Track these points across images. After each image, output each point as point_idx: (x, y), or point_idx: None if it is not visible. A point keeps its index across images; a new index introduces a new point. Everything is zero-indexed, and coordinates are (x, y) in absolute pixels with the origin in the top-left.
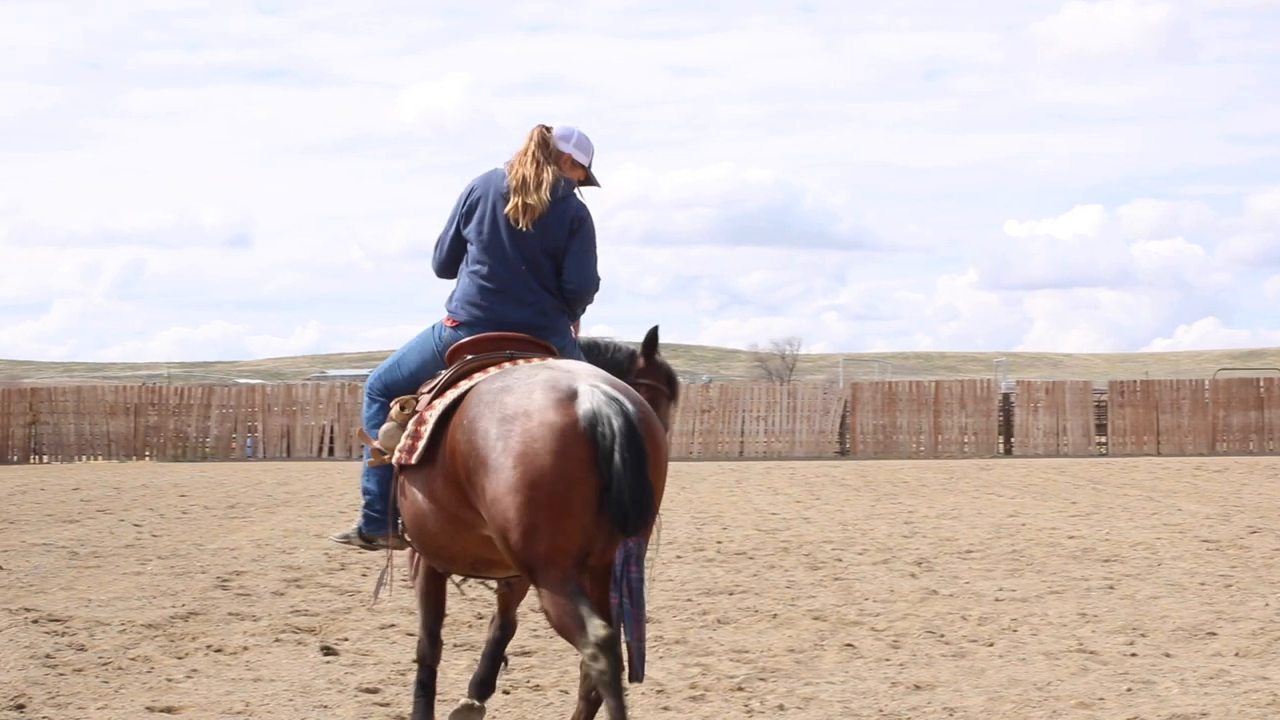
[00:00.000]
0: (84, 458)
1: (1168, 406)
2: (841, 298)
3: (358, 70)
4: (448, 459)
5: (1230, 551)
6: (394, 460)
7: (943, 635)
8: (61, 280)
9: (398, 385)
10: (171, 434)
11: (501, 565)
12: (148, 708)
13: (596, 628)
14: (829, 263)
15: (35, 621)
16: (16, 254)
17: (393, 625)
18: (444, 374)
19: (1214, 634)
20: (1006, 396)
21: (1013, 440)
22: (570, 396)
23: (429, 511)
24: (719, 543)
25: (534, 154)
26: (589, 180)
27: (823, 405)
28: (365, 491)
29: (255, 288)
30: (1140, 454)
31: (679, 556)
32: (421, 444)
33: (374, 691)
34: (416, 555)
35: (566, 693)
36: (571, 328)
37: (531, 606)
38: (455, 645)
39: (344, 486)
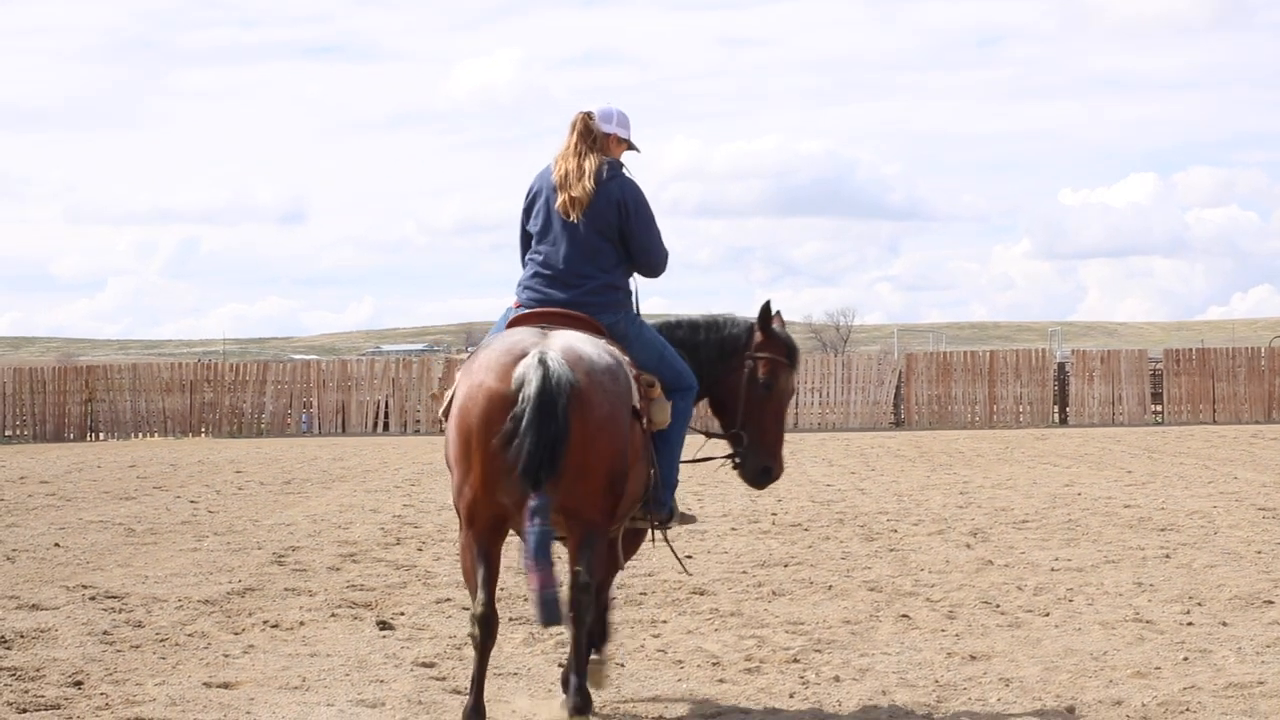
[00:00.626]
0: (140, 435)
1: (1223, 374)
2: (895, 268)
3: (410, 45)
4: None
5: None
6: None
7: (998, 605)
8: (117, 258)
9: None
10: (227, 410)
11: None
12: (205, 683)
13: (479, 597)
14: (882, 233)
15: (93, 598)
16: (72, 232)
17: (449, 600)
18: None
19: (1270, 602)
20: (1061, 366)
21: (1068, 410)
22: (515, 361)
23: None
24: (774, 515)
25: (575, 146)
26: (631, 148)
27: (877, 376)
28: None
29: (309, 264)
30: (1196, 422)
31: (734, 529)
32: (441, 406)
33: (430, 666)
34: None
35: (622, 665)
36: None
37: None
38: (510, 619)
39: (399, 461)
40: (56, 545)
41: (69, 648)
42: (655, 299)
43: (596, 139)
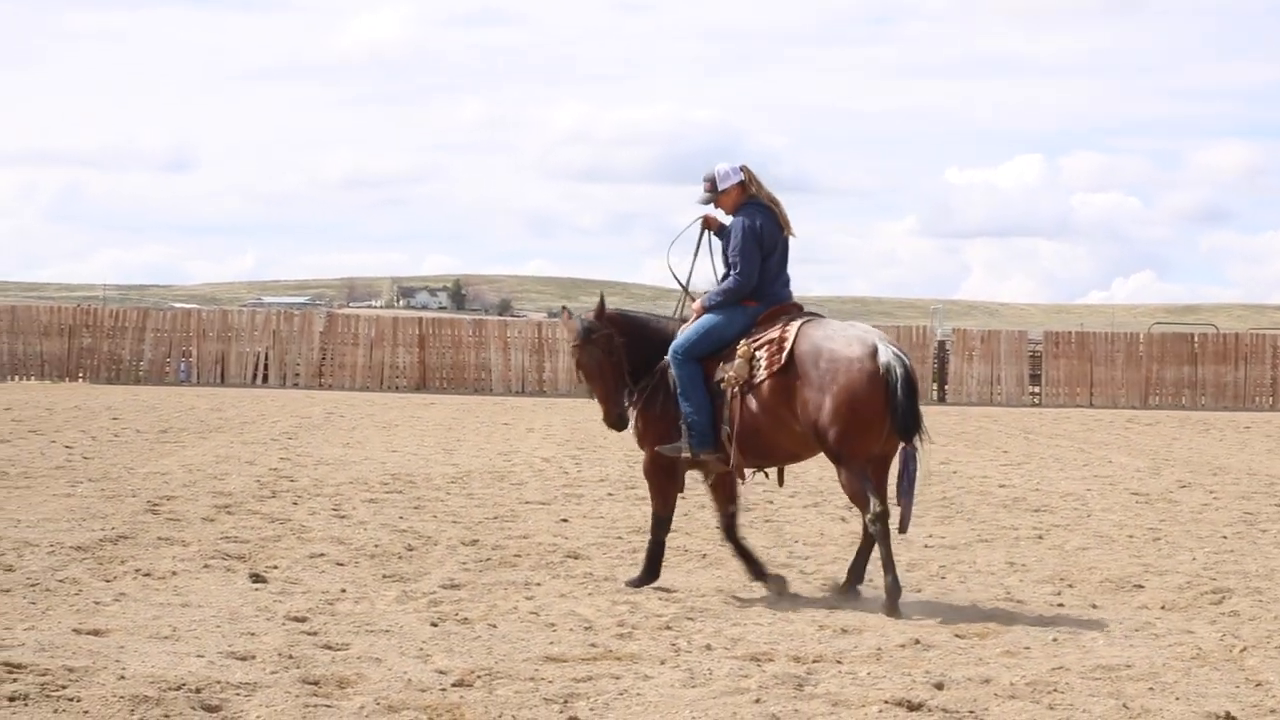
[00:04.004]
0: (16, 378)
1: (1102, 359)
2: None
3: None
4: (790, 379)
5: (1159, 505)
6: (735, 388)
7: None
8: None
9: (707, 349)
10: (105, 356)
11: (803, 458)
12: (75, 630)
13: (875, 504)
14: None
15: None
16: None
17: (322, 555)
18: (759, 332)
19: (1140, 587)
20: (942, 344)
21: (947, 388)
22: (874, 351)
23: (763, 419)
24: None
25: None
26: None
27: None
28: (693, 424)
29: (193, 212)
30: (1073, 405)
31: (610, 494)
32: (762, 372)
33: (302, 620)
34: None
35: (495, 626)
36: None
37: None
38: (385, 576)
39: (277, 414)
40: None
41: None
42: (539, 260)
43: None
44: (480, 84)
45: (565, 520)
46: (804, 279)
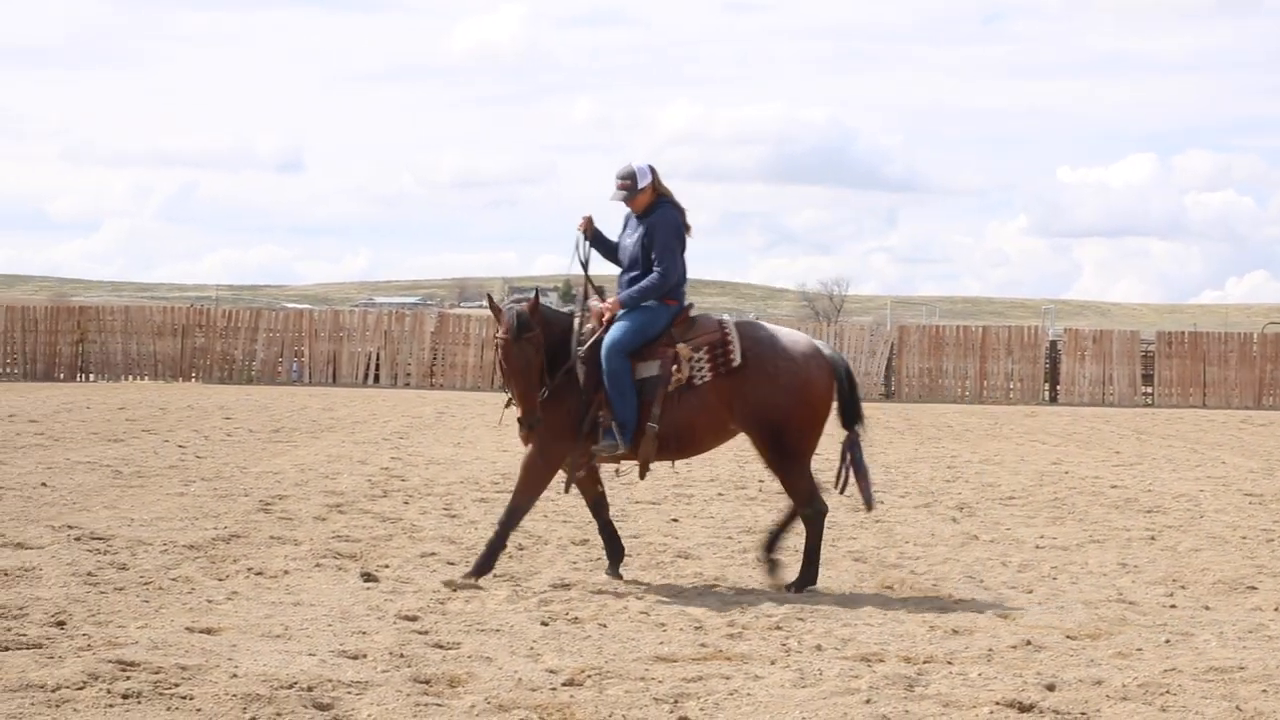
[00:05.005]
0: (130, 377)
1: (1215, 359)
2: (891, 239)
3: None
4: (739, 380)
5: (1273, 506)
6: (672, 386)
7: (982, 581)
8: (113, 200)
9: (637, 346)
10: (218, 356)
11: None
12: (187, 628)
13: (821, 503)
14: (880, 204)
15: (78, 539)
16: (69, 172)
17: (433, 554)
18: (691, 333)
19: (1254, 588)
20: (1054, 344)
21: (1058, 388)
22: (819, 349)
23: (699, 418)
24: (761, 481)
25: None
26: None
27: (869, 347)
28: (625, 422)
29: (306, 213)
30: (1186, 405)
31: (720, 494)
32: (706, 372)
33: (413, 619)
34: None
35: (605, 625)
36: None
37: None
38: (495, 576)
39: (388, 414)
40: (43, 485)
41: (52, 587)
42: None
43: None
44: (592, 84)
45: (675, 520)
46: (914, 279)
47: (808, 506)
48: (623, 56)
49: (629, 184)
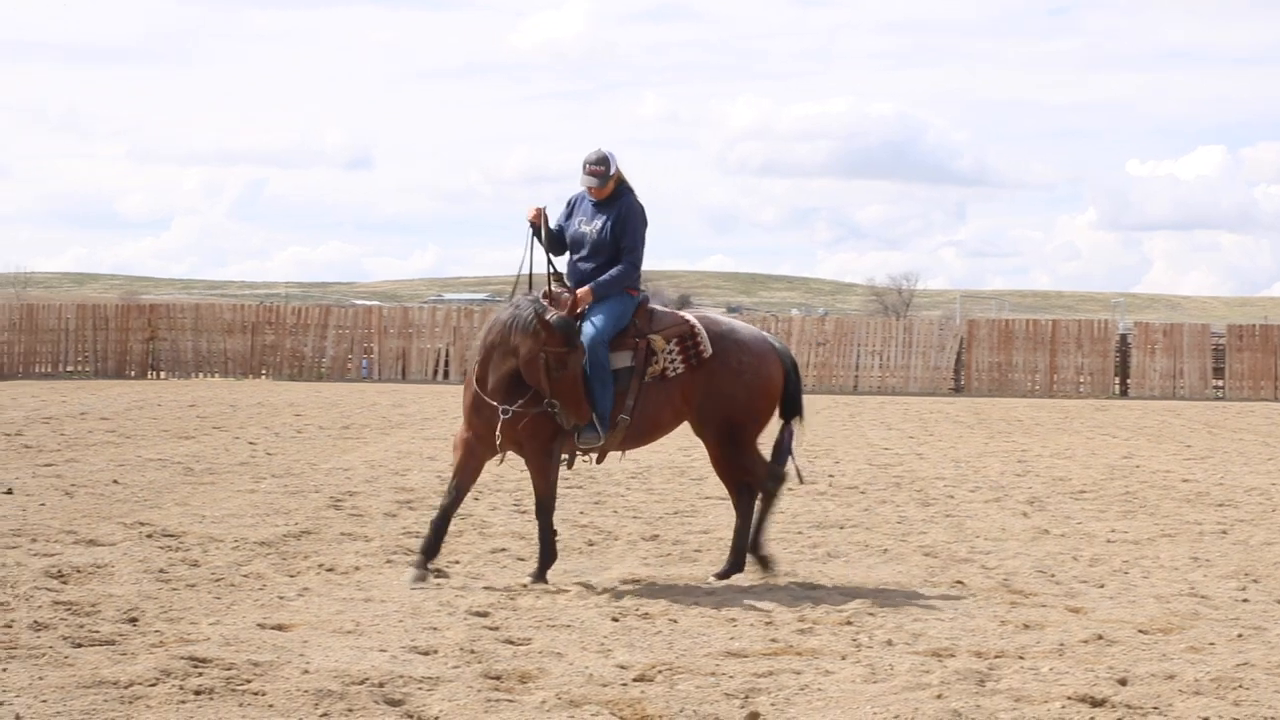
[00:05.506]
0: (201, 375)
1: None
2: (960, 234)
3: None
4: (708, 372)
5: None
6: (648, 378)
7: (1053, 575)
8: (182, 198)
9: (614, 335)
10: (288, 353)
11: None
12: (259, 624)
13: (776, 468)
14: (949, 198)
15: (149, 536)
16: (138, 171)
17: (504, 550)
18: (658, 323)
19: None
20: (1124, 337)
21: (1129, 381)
22: (773, 343)
23: (665, 408)
24: (831, 476)
25: None
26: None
27: (939, 341)
28: (604, 412)
29: (374, 210)
30: (1257, 399)
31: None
32: (679, 363)
33: (484, 615)
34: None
35: (675, 621)
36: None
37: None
38: (564, 571)
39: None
40: (115, 482)
41: (125, 584)
42: (719, 256)
43: None
44: (659, 80)
45: None
46: (984, 273)
47: (770, 480)
48: (689, 52)
49: (602, 170)
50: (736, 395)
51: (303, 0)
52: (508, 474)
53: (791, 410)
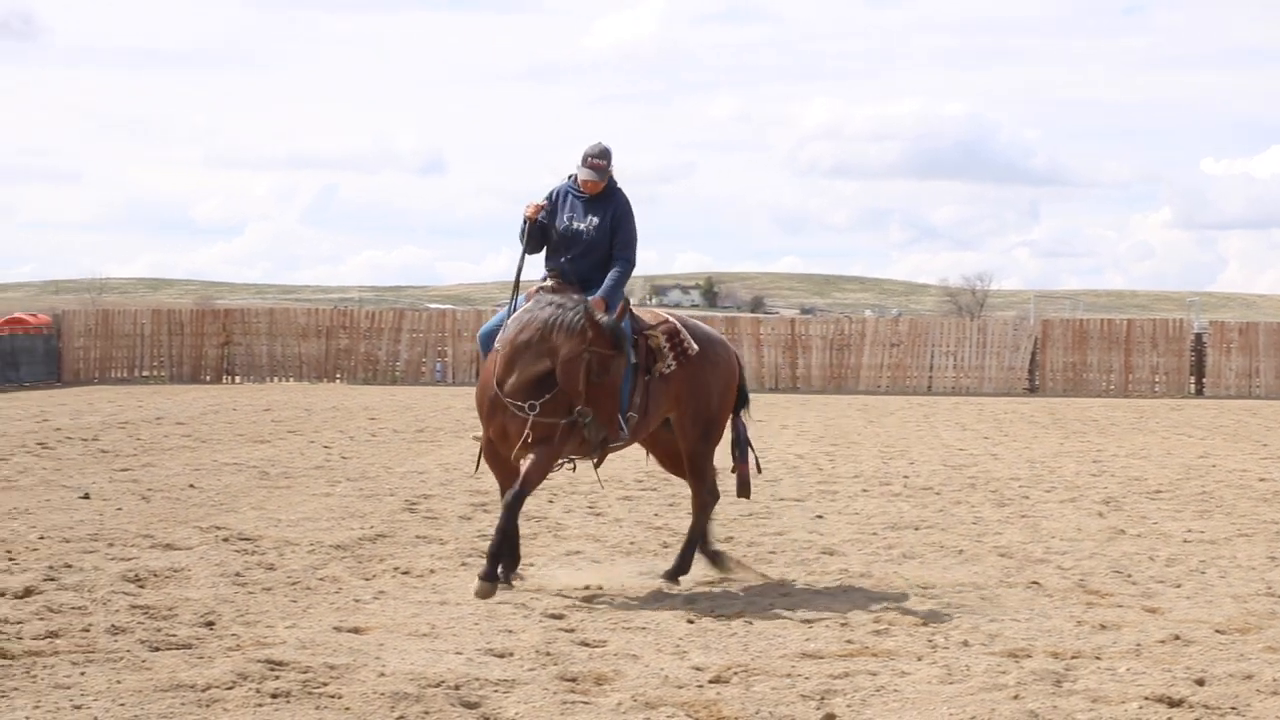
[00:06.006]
0: (275, 379)
1: None
2: (1034, 233)
3: None
4: (694, 368)
5: None
6: (655, 375)
7: (1129, 575)
8: (256, 203)
9: None
10: (362, 357)
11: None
12: (335, 627)
13: (715, 487)
14: (1022, 198)
15: (226, 540)
16: (212, 176)
17: (579, 552)
18: (652, 323)
19: None
20: (1199, 336)
21: (1204, 381)
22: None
23: (660, 405)
24: (905, 477)
25: None
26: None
27: (1013, 341)
28: (625, 412)
29: (448, 214)
30: None
31: (865, 490)
32: (671, 360)
33: (559, 617)
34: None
35: (751, 622)
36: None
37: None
38: (640, 573)
39: None
40: (191, 486)
41: (201, 588)
42: (791, 258)
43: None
44: (731, 81)
45: (820, 516)
46: (1058, 272)
47: (710, 493)
48: (760, 53)
49: (603, 164)
50: (714, 387)
51: (375, 4)
52: (583, 476)
53: (741, 401)
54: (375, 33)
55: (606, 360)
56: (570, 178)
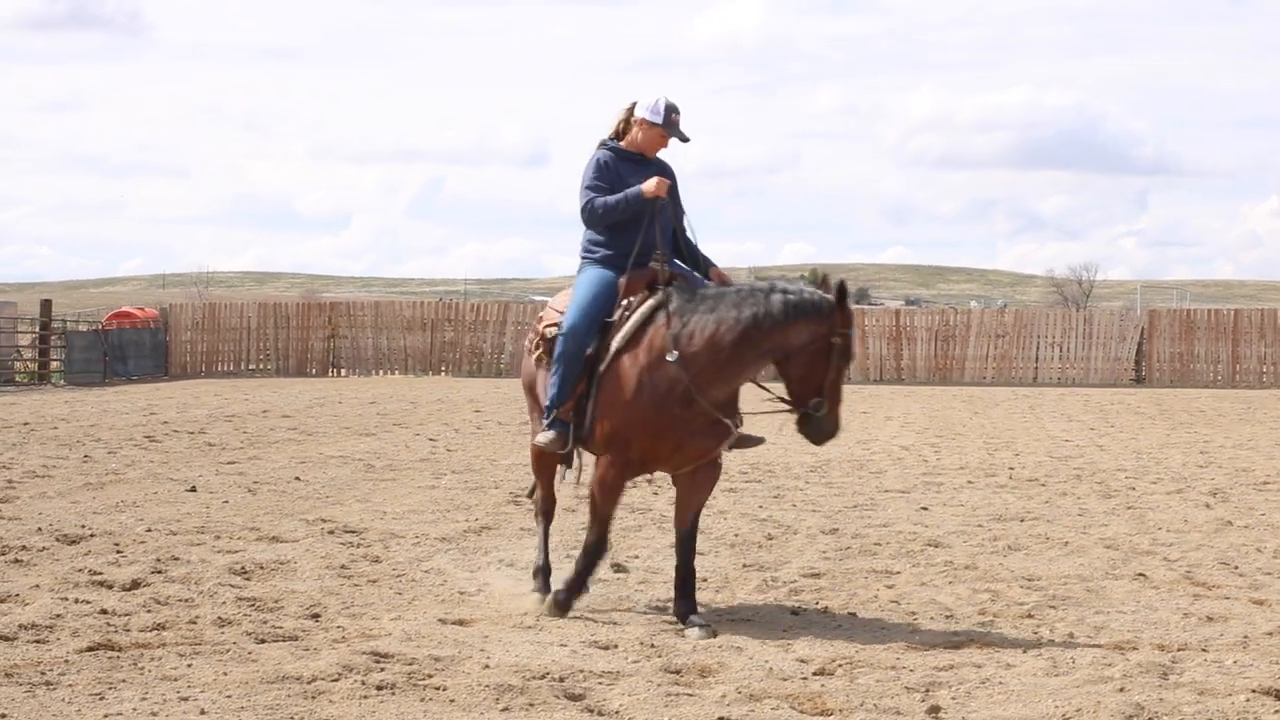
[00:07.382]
0: (381, 371)
1: None
2: (1141, 223)
3: None
4: None
5: None
6: None
7: (1237, 567)
8: (361, 196)
9: None
10: (467, 349)
11: None
12: (440, 620)
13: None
14: (1129, 188)
15: (331, 533)
16: (318, 169)
17: None
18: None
19: None
20: None
21: None
22: None
23: None
24: (1011, 469)
25: None
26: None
27: (1119, 332)
28: None
29: (552, 205)
30: None
31: (970, 482)
32: None
33: (663, 609)
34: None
35: (855, 614)
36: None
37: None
38: (745, 566)
39: None
40: (297, 479)
41: (307, 580)
42: (898, 248)
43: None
44: (836, 72)
45: (925, 508)
46: (1165, 262)
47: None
48: (866, 43)
49: (678, 119)
50: None
51: None
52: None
53: None
54: (480, 25)
55: (850, 343)
56: (610, 141)
